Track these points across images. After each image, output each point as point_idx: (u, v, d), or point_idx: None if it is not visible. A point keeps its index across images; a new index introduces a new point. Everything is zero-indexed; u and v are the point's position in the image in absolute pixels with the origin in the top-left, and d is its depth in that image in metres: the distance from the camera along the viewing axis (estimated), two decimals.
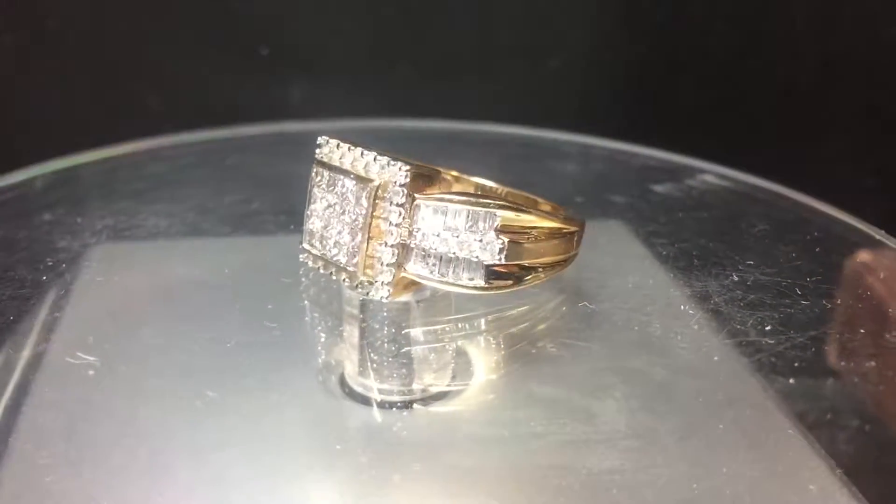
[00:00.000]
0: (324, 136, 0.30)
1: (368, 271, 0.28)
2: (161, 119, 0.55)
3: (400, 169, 0.28)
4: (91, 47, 0.54)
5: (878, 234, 0.37)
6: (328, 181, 0.29)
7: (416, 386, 0.29)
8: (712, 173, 0.44)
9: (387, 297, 0.28)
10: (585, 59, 0.58)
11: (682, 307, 0.33)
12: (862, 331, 0.33)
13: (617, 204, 0.41)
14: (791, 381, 0.30)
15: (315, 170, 0.30)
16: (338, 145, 0.29)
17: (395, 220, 0.28)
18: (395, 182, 0.28)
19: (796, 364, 0.30)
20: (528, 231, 0.28)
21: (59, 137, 0.53)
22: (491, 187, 0.34)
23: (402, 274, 0.28)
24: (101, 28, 0.54)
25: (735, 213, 0.41)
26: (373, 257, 0.28)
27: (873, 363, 0.31)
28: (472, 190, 0.33)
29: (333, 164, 0.29)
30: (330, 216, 0.29)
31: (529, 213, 0.28)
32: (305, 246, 0.30)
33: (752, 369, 0.30)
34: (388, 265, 0.28)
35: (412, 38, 0.56)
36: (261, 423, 0.27)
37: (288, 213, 0.38)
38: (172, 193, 0.42)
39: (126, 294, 0.33)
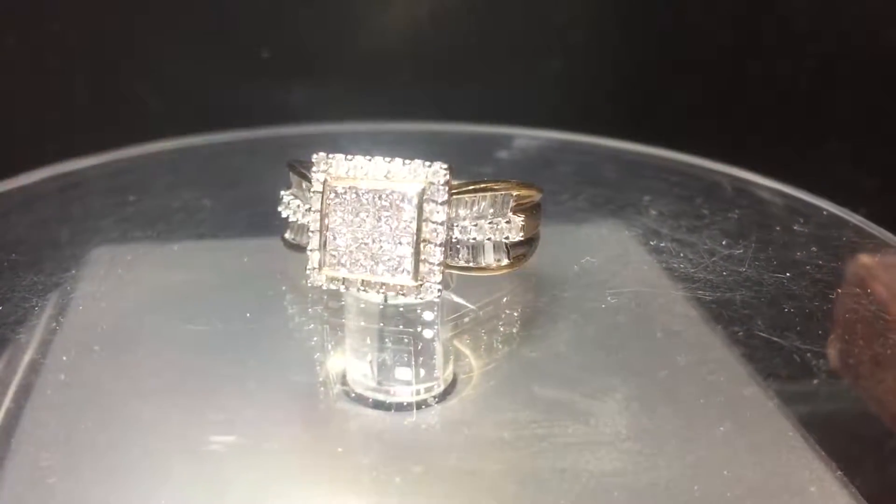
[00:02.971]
0: (320, 154, 0.29)
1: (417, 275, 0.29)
2: (162, 122, 0.55)
3: (441, 168, 0.28)
4: (92, 50, 0.54)
5: (880, 234, 0.37)
6: (349, 197, 0.28)
7: (416, 388, 0.29)
8: (725, 175, 0.44)
9: (438, 296, 0.29)
10: (585, 61, 0.58)
11: (683, 309, 0.33)
12: (863, 332, 0.33)
13: (617, 205, 0.41)
14: (792, 382, 0.30)
15: (322, 189, 0.29)
16: (346, 158, 0.28)
17: (441, 219, 0.28)
18: (437, 182, 0.28)
19: (797, 366, 0.30)
20: (526, 205, 0.30)
21: (59, 140, 0.53)
22: None
23: (446, 270, 0.29)
24: (101, 31, 0.54)
25: (735, 213, 0.41)
26: (422, 260, 0.28)
27: (874, 365, 0.31)
28: None
29: (350, 178, 0.28)
30: (356, 232, 0.28)
31: (523, 188, 0.30)
32: (327, 272, 0.29)
33: (753, 371, 0.30)
34: (438, 265, 0.28)
35: (413, 40, 0.56)
36: (262, 425, 0.27)
37: None
38: (174, 196, 0.42)
39: (127, 296, 0.33)
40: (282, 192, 0.32)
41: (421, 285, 0.28)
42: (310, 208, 0.29)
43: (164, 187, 0.43)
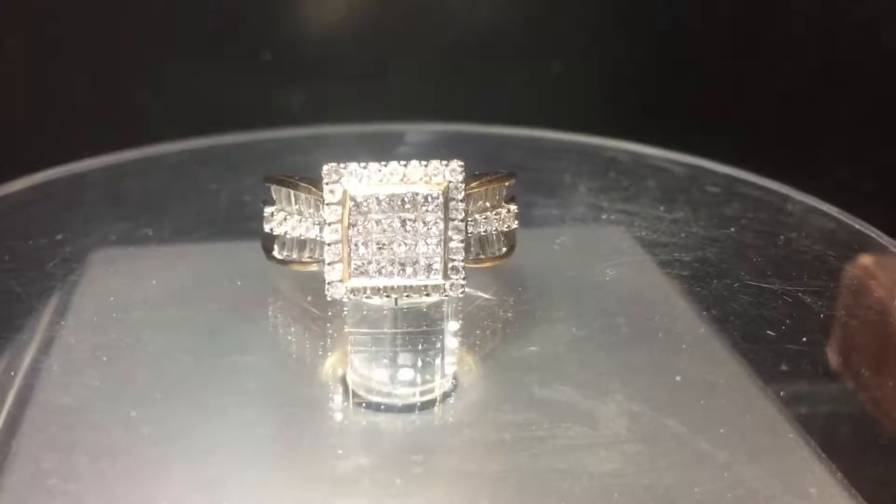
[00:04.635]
0: (330, 164, 0.28)
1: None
2: (162, 123, 0.55)
3: (458, 166, 0.28)
4: (92, 50, 0.54)
5: (879, 237, 0.37)
6: (370, 205, 0.28)
7: (416, 389, 0.29)
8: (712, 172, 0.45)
9: (462, 293, 0.29)
10: (585, 61, 0.58)
11: (684, 311, 0.33)
12: (863, 333, 0.33)
13: (617, 205, 0.41)
14: (792, 384, 0.30)
15: (343, 199, 0.28)
16: (360, 166, 0.28)
17: (462, 216, 0.28)
18: (456, 180, 0.28)
19: (798, 367, 0.30)
20: (508, 193, 0.31)
21: (59, 141, 0.53)
22: None
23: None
24: (102, 31, 0.54)
25: (735, 214, 0.41)
26: (449, 258, 0.28)
27: (874, 366, 0.31)
28: None
29: (368, 185, 0.28)
30: (380, 239, 0.28)
31: (510, 178, 0.31)
32: (350, 283, 0.29)
33: (753, 372, 0.30)
34: (461, 261, 0.29)
35: (413, 42, 0.56)
36: (262, 427, 0.27)
37: None
38: (175, 199, 0.42)
39: (128, 298, 0.33)
40: (265, 209, 0.31)
41: (449, 284, 0.29)
42: (319, 221, 0.29)
43: (164, 189, 0.43)
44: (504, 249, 0.31)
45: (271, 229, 0.31)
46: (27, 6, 0.52)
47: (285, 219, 0.30)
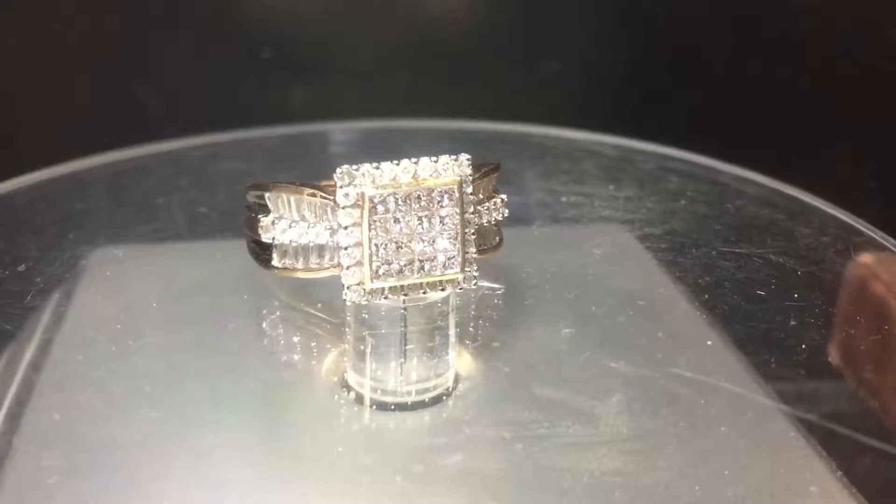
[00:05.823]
0: (343, 167, 0.27)
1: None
2: (162, 122, 0.55)
3: (465, 160, 0.28)
4: (92, 50, 0.54)
5: (880, 234, 0.37)
6: (388, 205, 0.28)
7: (417, 388, 0.29)
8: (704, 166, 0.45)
9: (475, 285, 0.29)
10: (585, 61, 0.58)
11: (683, 309, 0.33)
12: (863, 332, 0.33)
13: (617, 204, 0.41)
14: (792, 383, 0.30)
15: (362, 202, 0.28)
16: (373, 167, 0.28)
17: (472, 209, 0.28)
18: (465, 174, 0.28)
19: (797, 366, 0.30)
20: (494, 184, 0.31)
21: (59, 140, 0.53)
22: None
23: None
24: (101, 31, 0.54)
25: (736, 214, 0.41)
26: (465, 252, 0.28)
27: (875, 365, 0.31)
28: None
29: (383, 186, 0.27)
30: (399, 238, 0.28)
31: (496, 170, 0.31)
32: (368, 286, 0.28)
33: (753, 371, 0.30)
34: (474, 253, 0.28)
35: (413, 40, 0.56)
36: (262, 425, 0.27)
37: None
38: (175, 196, 0.42)
39: (128, 297, 0.33)
40: (261, 218, 0.29)
41: (463, 277, 0.28)
42: (332, 226, 0.28)
43: (164, 187, 0.43)
44: (497, 239, 0.31)
45: (272, 238, 0.29)
46: (27, 6, 0.52)
47: (290, 226, 0.29)
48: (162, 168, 0.45)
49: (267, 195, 0.29)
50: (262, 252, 0.30)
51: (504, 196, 0.30)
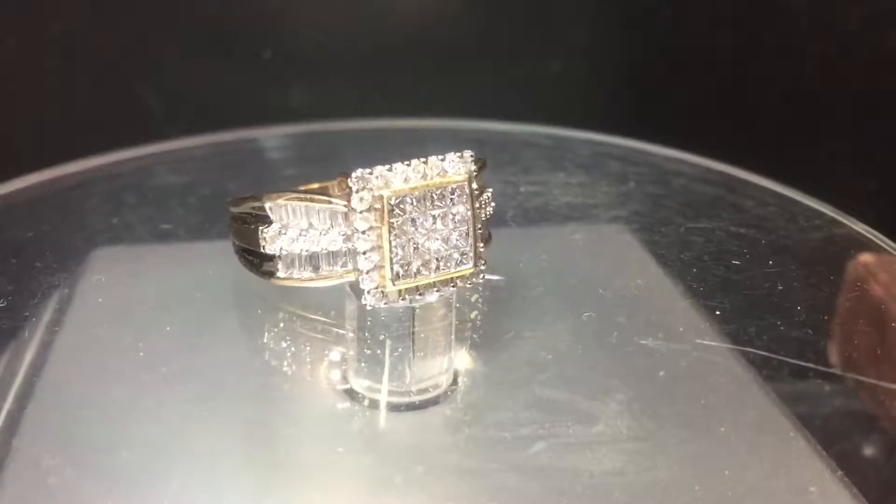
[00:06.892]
0: (357, 171, 0.27)
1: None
2: (162, 122, 0.55)
3: (470, 156, 0.28)
4: (92, 50, 0.54)
5: (879, 235, 0.37)
6: (405, 206, 0.27)
7: (418, 388, 0.29)
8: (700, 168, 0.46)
9: (483, 279, 0.29)
10: (586, 61, 0.58)
11: (683, 309, 0.33)
12: (863, 331, 0.33)
13: (617, 204, 0.41)
14: (792, 383, 0.30)
15: (382, 205, 0.27)
16: (386, 169, 0.27)
17: (478, 205, 0.28)
18: (471, 170, 0.28)
19: (797, 366, 0.30)
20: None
21: (59, 140, 0.53)
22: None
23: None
24: (101, 31, 0.54)
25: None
26: (477, 246, 0.28)
27: (874, 365, 0.31)
28: None
29: (398, 187, 0.27)
30: (416, 239, 0.27)
31: (484, 165, 0.30)
32: (388, 289, 0.27)
33: (753, 371, 0.30)
34: (483, 247, 0.29)
35: (413, 40, 0.56)
36: (263, 426, 0.27)
37: None
38: (175, 197, 0.42)
39: (128, 297, 0.33)
40: (263, 230, 0.28)
41: (475, 272, 0.28)
42: (345, 232, 0.27)
43: (164, 188, 0.43)
44: (489, 233, 0.31)
45: (279, 249, 0.28)
46: (27, 6, 0.52)
47: (300, 235, 0.28)
48: (162, 168, 0.45)
49: (268, 205, 0.28)
50: (261, 264, 0.29)
51: (491, 190, 0.30)
